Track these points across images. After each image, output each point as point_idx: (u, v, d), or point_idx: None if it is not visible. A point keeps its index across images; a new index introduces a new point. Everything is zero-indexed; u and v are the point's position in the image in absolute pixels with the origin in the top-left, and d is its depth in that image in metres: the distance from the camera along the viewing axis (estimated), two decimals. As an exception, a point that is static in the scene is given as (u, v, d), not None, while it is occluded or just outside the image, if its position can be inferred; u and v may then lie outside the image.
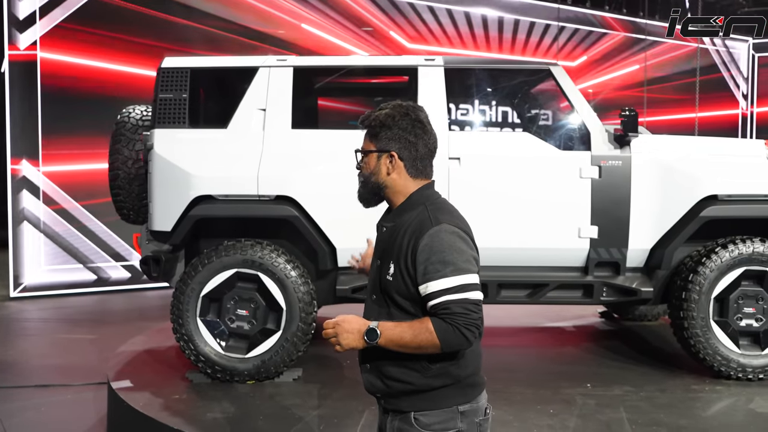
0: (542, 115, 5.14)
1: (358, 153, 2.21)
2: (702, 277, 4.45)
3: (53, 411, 5.01)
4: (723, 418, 3.91)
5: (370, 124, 2.17)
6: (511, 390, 4.34)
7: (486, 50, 12.35)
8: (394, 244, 2.09)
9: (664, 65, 13.55)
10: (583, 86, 13.24)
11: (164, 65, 4.71)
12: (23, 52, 9.01)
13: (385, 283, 2.09)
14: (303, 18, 10.92)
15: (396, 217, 2.14)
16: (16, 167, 9.09)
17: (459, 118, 5.15)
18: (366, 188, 2.18)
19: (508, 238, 4.61)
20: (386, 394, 2.11)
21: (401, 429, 2.09)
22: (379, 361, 2.09)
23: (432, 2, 11.91)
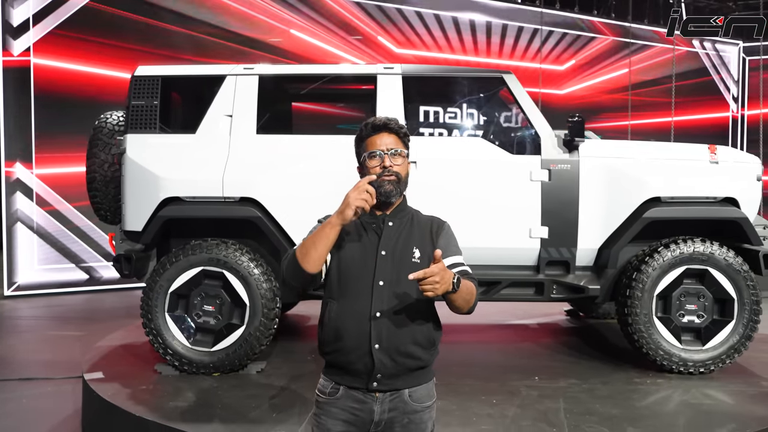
0: (495, 121, 5.34)
1: (395, 152, 2.38)
2: (645, 276, 4.67)
3: (34, 402, 5.26)
4: (655, 407, 4.10)
5: (403, 131, 2.44)
6: (461, 382, 4.56)
7: (474, 55, 12.57)
8: (412, 235, 2.38)
9: (653, 68, 13.72)
10: (571, 90, 13.46)
11: (137, 73, 4.95)
12: (17, 58, 9.29)
13: (412, 266, 2.29)
14: (292, 24, 11.16)
15: (396, 214, 2.41)
16: (9, 170, 9.35)
17: (416, 123, 5.36)
18: (399, 186, 2.38)
19: (462, 237, 4.76)
20: (389, 374, 2.28)
21: (394, 408, 2.31)
22: (394, 340, 2.27)
23: (420, 8, 12.13)
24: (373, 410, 2.31)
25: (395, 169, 2.36)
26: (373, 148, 2.39)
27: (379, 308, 2.29)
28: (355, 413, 2.32)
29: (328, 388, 2.37)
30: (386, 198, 2.35)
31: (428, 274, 2.08)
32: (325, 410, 2.36)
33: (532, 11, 12.86)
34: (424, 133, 5.33)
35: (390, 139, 2.40)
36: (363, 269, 2.34)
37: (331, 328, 2.34)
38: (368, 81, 5.04)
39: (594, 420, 3.86)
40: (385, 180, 2.34)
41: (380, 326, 2.28)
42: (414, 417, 2.33)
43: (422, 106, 6.64)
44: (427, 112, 7.05)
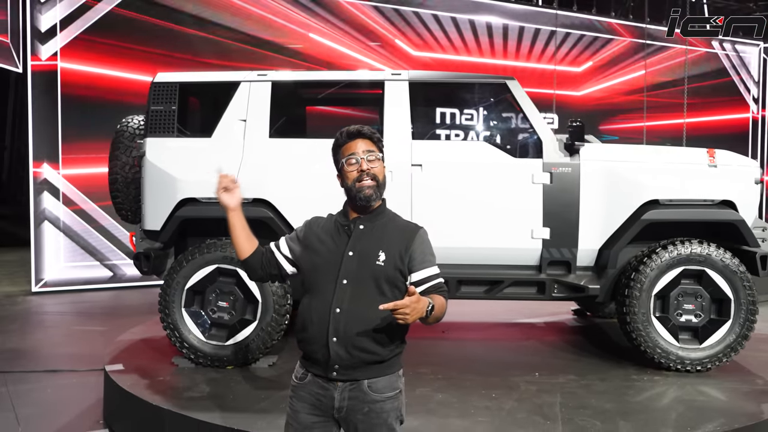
0: (498, 125, 5.51)
1: (372, 156, 2.53)
2: (643, 276, 4.81)
3: (59, 392, 5.54)
4: (648, 403, 4.25)
5: (376, 136, 2.60)
6: (463, 377, 4.74)
7: (490, 57, 12.70)
8: (382, 239, 2.52)
9: (670, 70, 13.74)
10: (588, 91, 13.53)
11: (156, 80, 5.20)
12: (45, 62, 9.62)
13: (376, 268, 2.48)
14: (311, 28, 11.38)
15: (370, 218, 2.56)
16: (37, 170, 9.69)
17: (421, 128, 5.54)
18: (379, 189, 2.54)
19: (467, 238, 5.01)
20: (345, 364, 2.45)
21: (353, 397, 2.47)
22: (350, 334, 2.43)
23: (437, 11, 12.29)
24: (334, 397, 2.48)
25: (373, 171, 2.51)
26: (350, 153, 2.53)
27: (339, 304, 2.45)
28: (319, 398, 2.50)
29: (300, 373, 2.58)
30: (367, 202, 2.51)
31: (398, 306, 2.23)
32: (296, 393, 2.56)
33: (549, 13, 12.96)
34: (429, 137, 5.49)
35: (365, 144, 2.54)
36: (330, 268, 2.51)
37: (300, 319, 2.55)
38: (376, 87, 5.23)
39: (587, 414, 4.01)
40: (364, 185, 2.49)
41: (338, 321, 2.44)
42: (374, 406, 2.47)
43: (428, 111, 6.82)
44: (433, 117, 7.23)
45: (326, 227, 2.60)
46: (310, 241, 2.59)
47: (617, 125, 13.38)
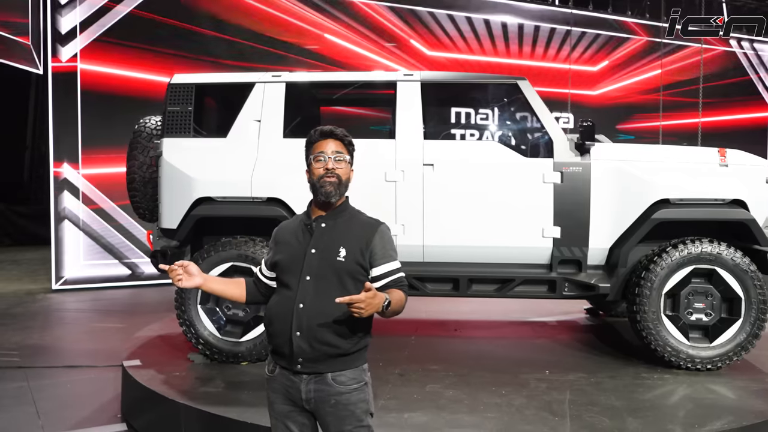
0: (509, 125, 5.55)
1: (339, 157, 2.66)
2: (653, 275, 4.84)
3: (78, 387, 5.66)
4: (657, 400, 4.27)
5: (347, 139, 2.73)
6: (473, 374, 4.80)
7: (506, 57, 12.72)
8: (343, 235, 2.62)
9: (686, 69, 13.67)
10: (604, 90, 13.50)
11: (172, 81, 5.30)
12: (65, 64, 9.79)
13: (337, 264, 2.58)
14: (327, 29, 11.47)
15: (332, 216, 2.66)
16: (57, 170, 9.87)
17: (433, 128, 5.60)
18: (340, 188, 2.65)
19: (478, 236, 5.06)
20: (308, 357, 2.53)
21: (318, 390, 2.55)
22: (313, 328, 2.53)
23: (452, 11, 12.34)
24: (300, 389, 2.58)
25: (338, 171, 2.63)
26: (319, 151, 2.66)
27: (302, 300, 2.56)
28: (288, 390, 2.61)
29: (270, 366, 2.69)
30: (326, 198, 2.62)
31: (354, 301, 2.32)
32: (270, 386, 2.68)
33: (564, 12, 12.96)
34: (441, 136, 5.55)
35: (334, 145, 2.67)
36: (294, 264, 2.63)
37: (267, 315, 2.69)
38: (389, 87, 5.29)
39: (596, 410, 4.05)
40: (326, 182, 2.61)
41: (301, 316, 2.55)
42: (340, 398, 2.56)
43: (440, 111, 6.88)
44: (445, 117, 7.28)
45: (292, 228, 2.73)
46: (279, 245, 2.72)
47: (633, 124, 13.35)
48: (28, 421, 4.86)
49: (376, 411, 3.98)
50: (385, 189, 5.05)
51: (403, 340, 5.86)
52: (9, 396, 5.36)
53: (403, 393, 4.39)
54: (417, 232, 5.06)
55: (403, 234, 5.06)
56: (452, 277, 5.12)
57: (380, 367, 4.96)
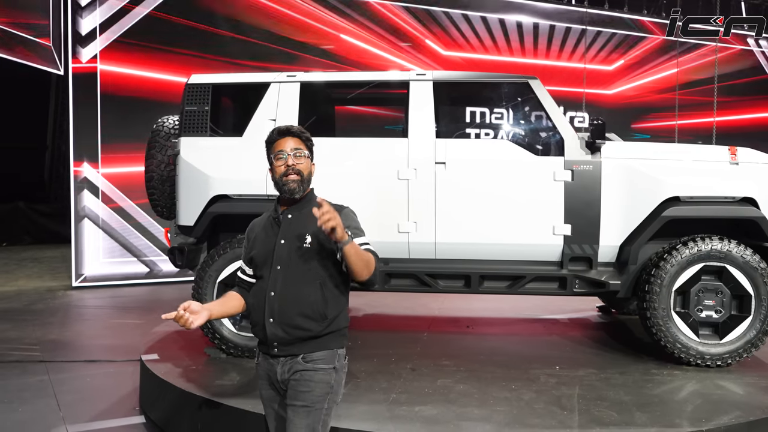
0: (521, 124, 5.60)
1: (299, 153, 2.80)
2: (663, 272, 4.88)
3: (98, 381, 5.80)
4: (666, 395, 4.31)
5: (305, 135, 2.87)
6: (484, 369, 4.86)
7: (520, 56, 12.75)
8: (307, 224, 2.75)
9: (703, 68, 13.61)
10: (619, 90, 13.49)
11: (190, 82, 5.41)
12: (85, 64, 9.97)
13: (303, 250, 2.74)
14: (342, 29, 11.57)
15: (300, 208, 2.83)
16: (78, 169, 10.05)
17: (445, 127, 5.67)
18: (303, 184, 2.81)
19: (489, 234, 5.13)
20: (283, 342, 2.73)
21: (290, 369, 2.75)
22: (284, 314, 2.72)
23: (467, 10, 12.39)
24: (277, 371, 2.78)
25: (298, 167, 2.78)
26: (279, 149, 2.80)
27: (272, 288, 2.75)
28: (269, 374, 2.82)
29: (257, 354, 2.92)
30: (291, 194, 2.79)
31: (321, 212, 2.46)
32: (257, 371, 2.90)
33: (580, 12, 12.96)
34: (453, 135, 5.61)
35: (293, 142, 2.81)
36: (266, 257, 2.81)
37: (248, 307, 2.89)
38: (402, 87, 5.37)
39: (604, 405, 4.11)
40: (289, 179, 2.77)
41: (273, 303, 2.74)
42: (304, 374, 2.73)
43: (452, 110, 6.95)
44: (457, 116, 7.35)
45: (262, 224, 2.91)
46: (251, 241, 2.90)
47: (649, 124, 13.33)
48: (49, 413, 4.99)
49: (387, 404, 4.10)
50: (398, 187, 5.13)
51: (415, 336, 5.94)
52: (31, 389, 5.50)
53: (415, 387, 4.47)
54: (429, 230, 5.13)
55: (415, 231, 5.14)
56: (464, 273, 5.19)
57: (392, 362, 5.04)
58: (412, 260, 5.24)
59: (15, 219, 16.14)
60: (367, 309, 7.20)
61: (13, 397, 5.27)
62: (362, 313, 7.03)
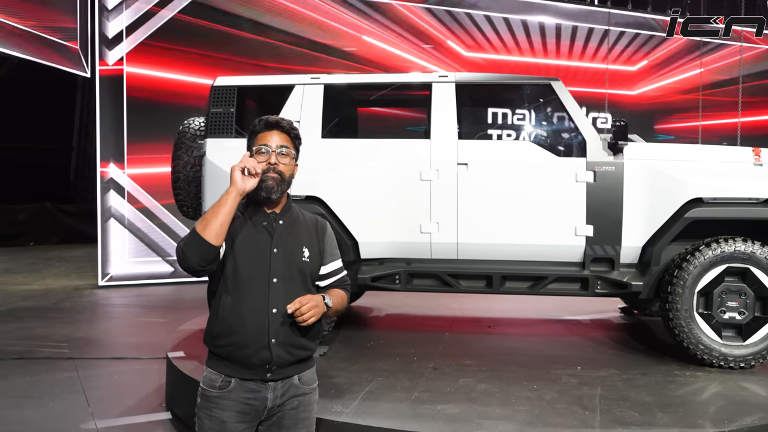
0: (543, 125, 5.62)
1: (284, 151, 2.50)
2: (686, 273, 4.87)
3: (124, 378, 5.90)
4: (688, 396, 4.31)
5: (294, 132, 2.57)
6: (506, 369, 4.89)
7: (543, 57, 12.73)
8: (301, 234, 2.56)
9: (727, 68, 13.48)
10: (643, 90, 13.41)
11: (215, 84, 5.50)
12: (112, 67, 10.14)
13: (302, 264, 2.52)
14: (364, 30, 11.64)
15: (285, 213, 2.56)
16: (104, 170, 10.21)
17: (468, 128, 5.71)
18: (282, 185, 2.49)
19: (511, 234, 5.16)
20: (283, 363, 2.45)
21: (285, 393, 2.49)
22: (289, 333, 2.44)
23: (489, 12, 12.40)
24: (267, 398, 2.46)
25: (280, 167, 2.47)
26: (262, 143, 2.50)
27: (275, 304, 2.42)
28: (248, 403, 2.45)
29: (218, 382, 2.46)
30: (266, 193, 2.46)
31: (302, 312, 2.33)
32: (217, 403, 2.45)
33: (602, 12, 12.92)
34: (475, 136, 5.65)
35: (280, 138, 2.51)
36: (258, 266, 2.46)
37: (226, 323, 2.44)
38: (424, 89, 5.42)
39: (626, 405, 4.12)
40: (268, 176, 2.45)
41: (277, 321, 2.42)
42: (303, 399, 2.52)
43: (474, 112, 6.98)
44: (479, 117, 7.38)
45: (240, 224, 2.49)
46: (229, 234, 2.42)
47: (672, 125, 13.25)
48: (78, 409, 5.09)
49: (410, 402, 4.15)
50: (421, 187, 5.17)
51: (437, 336, 5.98)
52: (60, 385, 5.61)
53: (437, 386, 4.51)
54: (451, 230, 5.17)
55: (437, 231, 5.18)
56: (486, 274, 5.22)
57: (414, 361, 5.09)
58: (434, 260, 5.29)
59: (42, 219, 16.40)
60: (389, 309, 7.25)
61: (43, 393, 5.39)
62: (384, 313, 7.09)
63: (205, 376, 2.52)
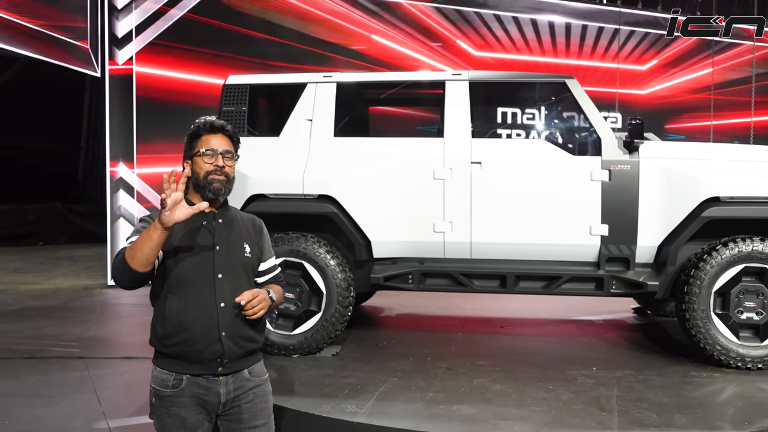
0: (557, 124, 5.58)
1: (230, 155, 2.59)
2: (703, 273, 4.82)
3: (135, 377, 5.86)
4: (706, 398, 4.27)
5: (236, 137, 2.67)
6: (521, 369, 4.85)
7: (552, 56, 12.65)
8: (240, 232, 2.63)
9: (739, 67, 13.37)
10: (653, 90, 13.32)
11: (227, 82, 5.48)
12: (121, 66, 10.12)
13: (245, 259, 2.60)
14: (373, 29, 11.60)
15: (223, 212, 2.62)
16: (113, 169, 10.19)
17: (481, 127, 5.67)
18: (228, 185, 2.58)
19: (525, 234, 5.11)
20: (233, 357, 2.50)
21: (238, 387, 2.54)
22: (238, 327, 2.51)
23: (498, 10, 12.34)
24: (219, 393, 2.50)
25: (227, 170, 2.57)
26: (208, 146, 2.55)
27: (222, 299, 2.48)
28: (202, 398, 2.49)
29: (171, 381, 2.49)
30: (214, 195, 2.54)
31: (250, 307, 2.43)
32: (173, 401, 2.48)
33: (612, 11, 12.84)
34: (489, 135, 5.62)
35: (224, 141, 2.59)
36: (201, 264, 2.51)
37: (174, 322, 2.47)
38: (438, 87, 5.38)
39: (644, 407, 4.07)
40: (215, 179, 2.53)
41: (226, 315, 2.48)
42: (257, 391, 2.58)
43: (488, 110, 6.95)
44: (493, 116, 7.35)
45: (180, 224, 2.42)
46: (170, 235, 2.41)
47: (683, 124, 13.15)
48: (90, 408, 5.07)
49: (425, 402, 4.12)
50: (434, 186, 5.14)
51: (449, 336, 5.94)
52: (72, 384, 5.59)
53: (451, 386, 4.47)
54: (465, 229, 5.13)
55: (450, 231, 5.14)
56: (499, 273, 5.18)
57: (428, 362, 5.05)
58: (447, 260, 5.25)
59: (51, 218, 16.41)
60: (400, 309, 7.22)
61: (54, 392, 5.37)
62: (395, 313, 7.05)
63: (155, 376, 2.56)
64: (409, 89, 5.55)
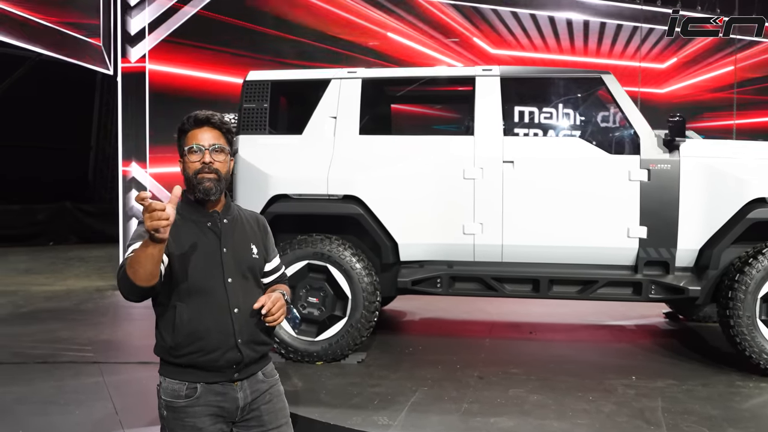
0: (593, 121, 5.36)
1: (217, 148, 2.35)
2: (748, 278, 4.59)
3: (151, 383, 5.64)
4: (757, 410, 4.05)
5: (226, 126, 2.42)
6: (557, 378, 4.64)
7: (571, 54, 12.43)
8: (246, 231, 2.44)
9: (762, 65, 13.12)
10: (673, 88, 13.08)
11: (248, 78, 5.27)
12: (134, 64, 9.94)
13: (252, 261, 2.41)
14: (389, 27, 11.40)
15: (227, 211, 2.41)
16: (126, 169, 10.02)
17: (513, 124, 5.45)
18: (220, 184, 2.34)
19: (560, 236, 4.90)
20: (249, 362, 2.36)
21: (255, 390, 2.38)
22: (253, 331, 2.35)
23: (516, 8, 12.12)
24: (237, 398, 2.34)
25: (216, 165, 2.33)
26: (193, 142, 2.36)
27: (236, 304, 2.32)
28: (219, 405, 2.32)
29: (184, 391, 2.32)
30: (205, 195, 2.33)
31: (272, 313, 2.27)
32: (187, 412, 2.31)
33: (632, 9, 12.61)
34: (521, 133, 5.40)
35: (211, 134, 2.37)
36: (210, 268, 2.33)
37: (186, 331, 2.29)
38: (467, 83, 5.17)
39: (693, 420, 3.85)
40: (204, 178, 2.31)
41: (241, 321, 2.31)
42: (273, 391, 2.43)
43: (520, 107, 6.73)
44: (525, 113, 7.13)
45: (183, 227, 2.32)
46: (173, 240, 2.24)
47: (704, 123, 12.88)
48: (106, 416, 4.87)
49: (460, 414, 3.91)
50: (464, 186, 4.93)
51: (477, 342, 5.73)
52: (86, 391, 5.40)
53: (486, 397, 4.26)
54: (496, 231, 4.92)
55: (481, 233, 4.93)
56: (532, 278, 4.96)
57: (458, 369, 4.84)
58: (477, 263, 5.04)
59: (62, 219, 16.29)
60: (423, 313, 7.00)
61: (69, 399, 5.17)
62: (419, 317, 6.84)
63: (164, 387, 2.38)
64: (437, 85, 5.33)
